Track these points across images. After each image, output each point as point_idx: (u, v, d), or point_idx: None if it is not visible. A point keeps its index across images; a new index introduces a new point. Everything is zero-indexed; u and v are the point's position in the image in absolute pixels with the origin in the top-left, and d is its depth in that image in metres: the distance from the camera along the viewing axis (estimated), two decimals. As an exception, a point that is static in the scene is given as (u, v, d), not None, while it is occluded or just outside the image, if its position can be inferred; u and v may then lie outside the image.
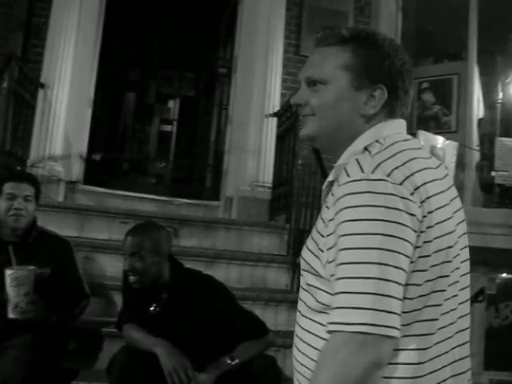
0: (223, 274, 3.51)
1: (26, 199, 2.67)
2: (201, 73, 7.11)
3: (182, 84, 7.43)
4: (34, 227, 2.74)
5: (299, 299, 1.22)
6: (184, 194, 5.16)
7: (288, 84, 5.13)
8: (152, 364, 2.27)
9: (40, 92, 4.61)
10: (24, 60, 4.63)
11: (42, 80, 4.62)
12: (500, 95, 5.59)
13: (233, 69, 5.31)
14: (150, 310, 2.48)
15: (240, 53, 5.21)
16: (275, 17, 5.10)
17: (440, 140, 4.73)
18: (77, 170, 4.84)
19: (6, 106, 3.88)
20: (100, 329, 3.02)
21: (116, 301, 3.17)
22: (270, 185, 4.78)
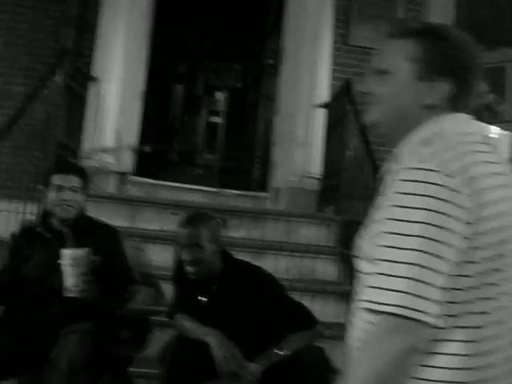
0: (271, 265, 3.52)
1: (74, 190, 2.73)
2: (248, 64, 7.12)
3: (230, 76, 7.46)
4: (83, 217, 2.81)
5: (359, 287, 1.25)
6: (232, 185, 5.18)
7: (337, 74, 5.07)
8: (203, 353, 2.30)
9: (92, 85, 4.71)
10: (76, 54, 4.74)
11: (94, 74, 4.72)
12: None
13: (280, 59, 5.28)
14: (201, 300, 2.51)
15: (287, 43, 5.18)
16: (323, 6, 5.05)
17: (494, 130, 4.60)
18: (127, 162, 4.93)
19: (60, 100, 3.97)
20: (150, 317, 3.08)
21: (166, 290, 3.22)
22: (319, 176, 4.76)
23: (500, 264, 1.08)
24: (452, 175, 1.04)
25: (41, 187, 2.94)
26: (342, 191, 3.95)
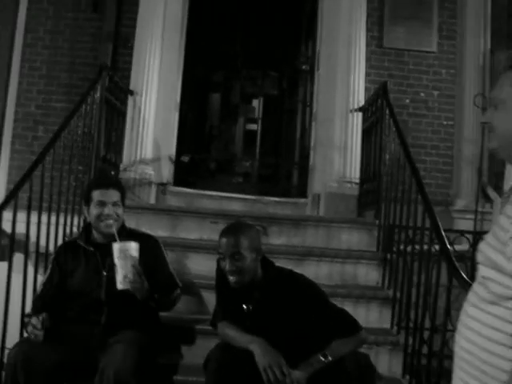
0: (313, 272, 3.51)
1: (115, 204, 2.80)
2: (283, 71, 7.12)
3: (265, 83, 7.48)
4: (123, 228, 2.86)
5: (471, 291, 1.34)
6: (271, 192, 5.19)
7: (372, 77, 5.05)
8: (247, 361, 2.31)
9: (129, 99, 4.81)
10: (114, 69, 4.84)
11: (131, 87, 4.82)
12: None
13: (315, 65, 5.28)
14: (244, 308, 2.52)
15: (322, 48, 5.17)
16: (356, 9, 5.02)
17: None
18: (166, 172, 5.00)
19: (100, 115, 4.06)
20: (194, 326, 3.11)
21: (208, 299, 3.24)
22: (358, 180, 4.72)
23: None
24: None
25: (82, 201, 3.01)
26: (383, 195, 3.91)
